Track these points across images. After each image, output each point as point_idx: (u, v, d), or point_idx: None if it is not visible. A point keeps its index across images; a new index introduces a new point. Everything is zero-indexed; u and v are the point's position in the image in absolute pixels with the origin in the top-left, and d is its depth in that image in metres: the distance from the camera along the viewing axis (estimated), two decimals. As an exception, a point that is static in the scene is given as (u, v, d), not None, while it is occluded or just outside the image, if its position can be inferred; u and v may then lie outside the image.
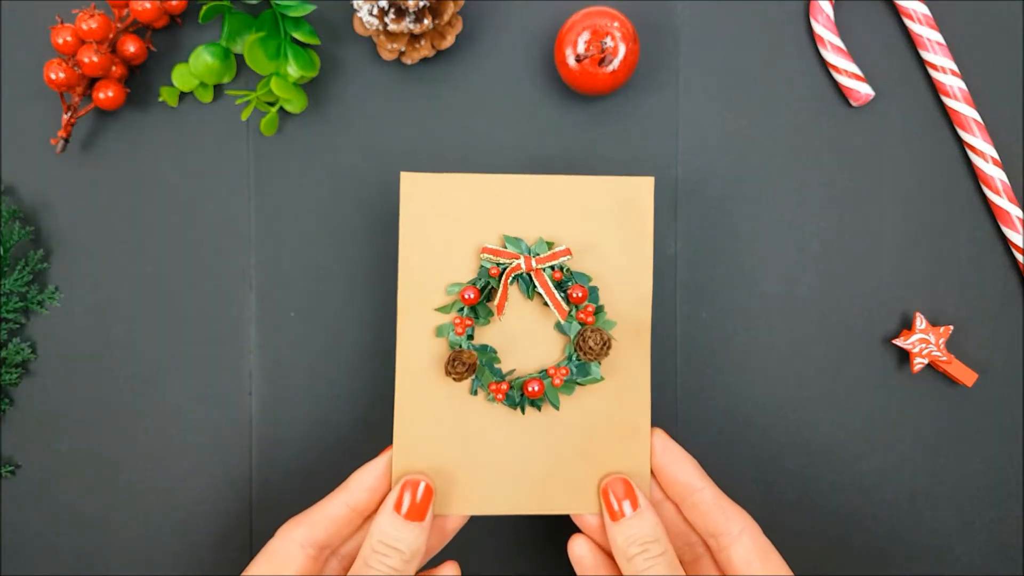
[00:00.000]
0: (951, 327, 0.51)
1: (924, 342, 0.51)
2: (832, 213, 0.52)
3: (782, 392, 0.53)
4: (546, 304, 0.45)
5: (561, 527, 0.52)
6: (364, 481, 0.44)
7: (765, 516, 0.51)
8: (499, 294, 0.45)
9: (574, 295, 0.45)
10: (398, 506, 0.42)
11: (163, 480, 0.53)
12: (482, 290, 0.45)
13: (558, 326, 0.46)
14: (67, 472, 0.53)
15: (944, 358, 0.51)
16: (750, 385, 0.53)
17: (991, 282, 0.53)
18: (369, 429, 0.51)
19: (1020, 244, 0.51)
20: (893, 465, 0.53)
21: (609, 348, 0.44)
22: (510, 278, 0.45)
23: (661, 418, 0.52)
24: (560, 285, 0.45)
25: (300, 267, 0.53)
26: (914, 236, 0.52)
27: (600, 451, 0.45)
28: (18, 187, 0.52)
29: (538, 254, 0.45)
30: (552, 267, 0.45)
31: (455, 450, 0.45)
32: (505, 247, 0.45)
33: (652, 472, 0.46)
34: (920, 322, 0.51)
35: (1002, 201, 0.51)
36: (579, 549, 0.45)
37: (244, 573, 0.43)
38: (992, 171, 0.51)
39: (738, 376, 0.53)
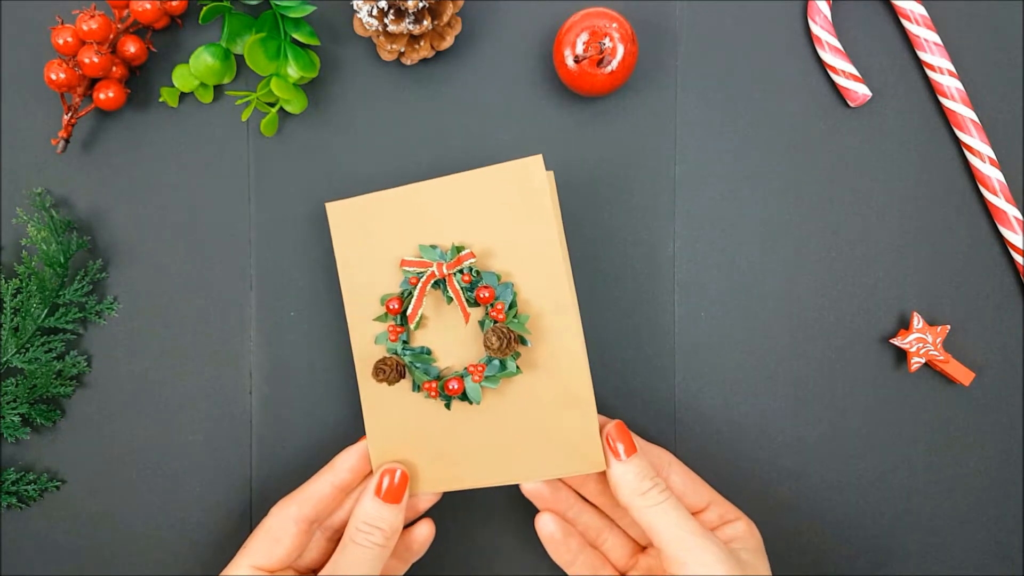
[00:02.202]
0: (948, 326, 0.51)
1: (921, 341, 0.51)
2: (829, 213, 0.53)
3: (780, 391, 0.53)
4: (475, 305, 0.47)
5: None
6: (347, 462, 0.48)
7: (763, 515, 0.52)
8: (413, 303, 0.47)
9: (480, 295, 0.46)
10: (378, 491, 0.47)
11: (163, 479, 0.53)
12: (406, 299, 0.47)
13: (482, 324, 0.47)
14: (66, 471, 0.53)
15: (941, 357, 0.51)
16: (748, 384, 0.53)
17: (988, 282, 0.53)
18: (369, 428, 0.52)
19: (1017, 244, 0.51)
20: (891, 464, 0.53)
21: (510, 344, 0.45)
22: (429, 285, 0.47)
23: (659, 418, 0.52)
24: (472, 287, 0.47)
25: (300, 267, 0.53)
26: (911, 236, 0.53)
27: (546, 426, 0.47)
28: (18, 187, 0.53)
29: (449, 260, 0.47)
30: (461, 271, 0.47)
31: (416, 439, 0.48)
32: (421, 257, 0.48)
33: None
34: (917, 321, 0.51)
35: (999, 201, 0.51)
36: (548, 526, 0.49)
37: (245, 546, 0.47)
38: (989, 171, 0.51)
39: (736, 375, 0.53)
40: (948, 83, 0.51)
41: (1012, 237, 0.52)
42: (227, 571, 0.46)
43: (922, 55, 0.52)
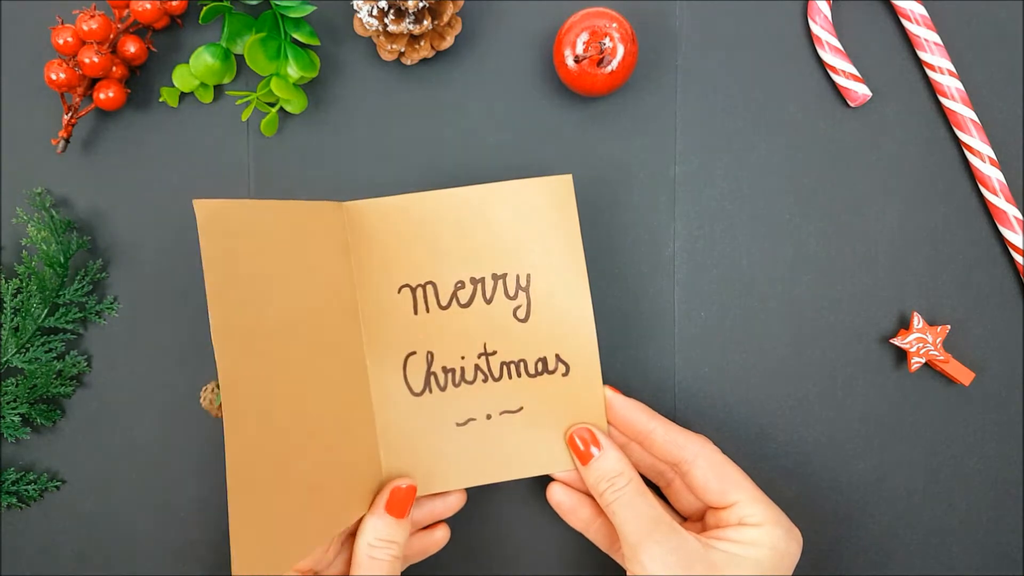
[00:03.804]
0: (948, 326, 0.51)
1: (921, 341, 0.51)
2: (829, 213, 0.53)
3: (780, 391, 0.53)
4: None
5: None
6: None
7: (763, 515, 0.52)
8: None
9: None
10: (388, 508, 0.47)
11: (163, 479, 0.53)
12: None
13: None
14: (66, 471, 0.53)
15: (941, 357, 0.51)
16: (748, 384, 0.53)
17: (988, 281, 0.53)
18: (369, 428, 0.52)
19: (1017, 244, 0.52)
20: (890, 464, 0.53)
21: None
22: None
23: (660, 417, 0.52)
24: None
25: (300, 267, 0.53)
26: (911, 236, 0.53)
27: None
28: (18, 187, 0.53)
29: None
30: None
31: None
32: None
33: (610, 422, 0.50)
34: (917, 321, 0.51)
35: (999, 201, 0.51)
36: (557, 495, 0.50)
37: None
38: (989, 171, 0.51)
39: (736, 375, 0.53)
40: (948, 83, 0.51)
41: (1012, 237, 0.52)
42: None
43: (922, 55, 0.52)
